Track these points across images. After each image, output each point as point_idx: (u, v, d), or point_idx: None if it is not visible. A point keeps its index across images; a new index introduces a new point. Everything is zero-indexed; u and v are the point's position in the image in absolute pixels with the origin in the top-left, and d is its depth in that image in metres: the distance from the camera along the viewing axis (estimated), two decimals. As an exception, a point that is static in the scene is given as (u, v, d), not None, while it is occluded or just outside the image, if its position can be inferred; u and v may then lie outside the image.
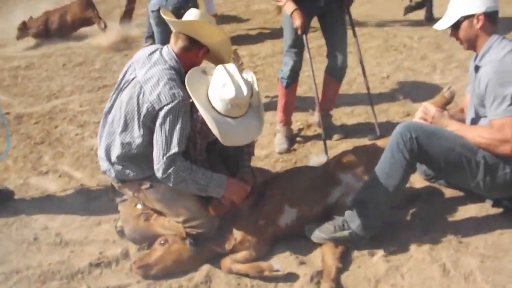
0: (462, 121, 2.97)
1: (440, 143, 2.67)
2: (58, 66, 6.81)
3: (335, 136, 4.27)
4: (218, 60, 2.89)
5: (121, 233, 3.08)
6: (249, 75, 2.81)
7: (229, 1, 9.85)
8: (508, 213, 2.96)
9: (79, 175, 4.04)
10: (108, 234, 3.20)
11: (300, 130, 4.52)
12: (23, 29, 7.76)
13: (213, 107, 2.64)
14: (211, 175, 2.70)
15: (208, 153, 2.95)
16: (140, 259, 2.80)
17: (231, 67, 2.68)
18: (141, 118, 2.69)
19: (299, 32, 3.77)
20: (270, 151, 4.18)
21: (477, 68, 2.78)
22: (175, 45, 2.78)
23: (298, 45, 3.97)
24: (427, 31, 6.93)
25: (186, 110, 2.65)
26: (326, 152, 3.81)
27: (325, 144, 3.88)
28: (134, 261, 2.80)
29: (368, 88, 4.28)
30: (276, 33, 7.53)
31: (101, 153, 2.93)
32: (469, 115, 2.93)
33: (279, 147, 4.21)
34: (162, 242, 2.83)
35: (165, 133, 2.61)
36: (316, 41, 5.84)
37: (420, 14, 7.34)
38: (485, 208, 3.06)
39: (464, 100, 3.17)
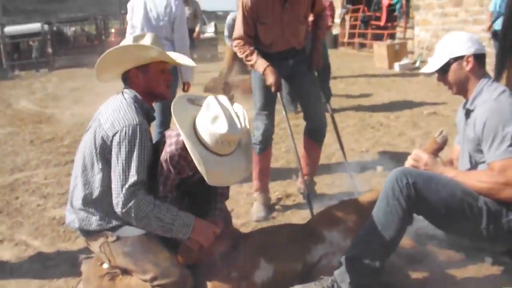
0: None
1: (439, 188, 2.44)
2: (25, 142, 6.56)
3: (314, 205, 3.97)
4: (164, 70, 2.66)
5: (80, 298, 2.70)
6: (240, 109, 2.56)
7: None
8: (509, 270, 2.70)
9: (37, 243, 3.67)
10: (65, 303, 2.82)
11: (279, 199, 4.28)
12: None
13: (200, 142, 2.41)
14: (177, 212, 2.41)
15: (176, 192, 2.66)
16: None
17: (223, 99, 2.46)
18: (98, 149, 2.46)
19: (273, 89, 3.62)
20: (247, 220, 3.90)
21: (468, 113, 2.64)
22: None
23: (269, 107, 3.83)
24: (403, 111, 6.99)
25: (143, 136, 2.41)
26: (312, 214, 3.54)
27: (310, 204, 3.58)
28: None
29: (345, 157, 4.15)
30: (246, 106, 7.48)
31: (67, 206, 2.65)
32: (463, 165, 2.74)
33: (256, 215, 3.92)
34: None
35: (122, 162, 2.37)
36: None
37: (393, 97, 7.45)
38: (484, 267, 2.78)
39: (452, 151, 3.01)
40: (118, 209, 2.36)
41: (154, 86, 2.62)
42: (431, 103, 7.46)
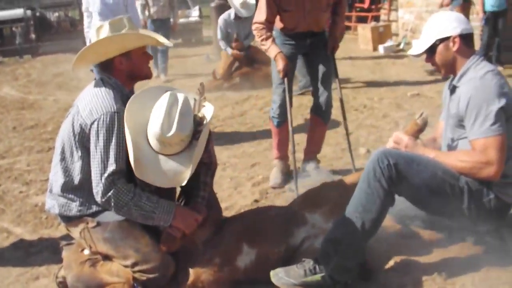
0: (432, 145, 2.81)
1: (420, 169, 2.44)
2: (7, 129, 6.48)
3: (319, 180, 4.06)
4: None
5: (61, 284, 2.68)
6: (208, 111, 2.53)
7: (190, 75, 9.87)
8: (492, 249, 2.72)
9: (20, 230, 3.65)
10: (47, 289, 2.80)
11: (264, 179, 4.29)
12: None
13: (146, 136, 2.41)
14: (157, 200, 2.41)
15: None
16: None
17: (180, 97, 2.41)
18: (77, 137, 2.45)
19: (281, 75, 3.79)
20: (230, 204, 3.89)
21: (454, 89, 2.63)
22: None
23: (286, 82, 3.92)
24: (386, 93, 6.99)
25: (121, 124, 2.39)
26: (296, 189, 3.68)
27: (296, 182, 3.78)
28: None
29: (346, 130, 4.28)
30: (235, 99, 7.48)
31: (48, 190, 2.63)
32: (445, 139, 2.75)
33: (273, 181, 4.14)
34: None
35: (101, 151, 2.36)
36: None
37: (377, 79, 7.45)
38: (466, 247, 2.79)
39: (437, 129, 3.01)
40: (98, 198, 2.35)
41: (138, 69, 2.62)
42: (415, 84, 7.46)
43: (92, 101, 2.45)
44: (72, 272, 2.58)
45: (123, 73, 2.58)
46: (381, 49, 11.81)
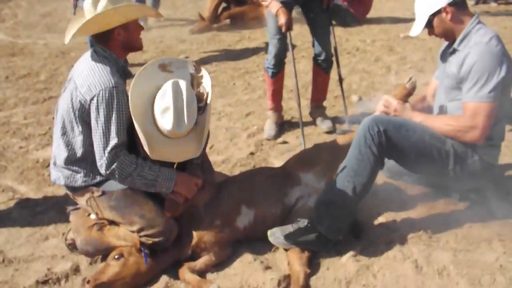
0: (424, 110, 2.91)
1: (409, 134, 2.57)
2: (0, 79, 6.46)
3: (324, 128, 4.30)
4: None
5: (71, 246, 2.84)
6: (207, 85, 2.60)
7: (179, 12, 9.71)
8: (475, 206, 2.89)
9: (24, 189, 3.75)
10: (56, 249, 2.94)
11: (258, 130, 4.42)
12: None
13: (153, 120, 2.48)
14: (158, 169, 2.54)
15: None
16: (94, 278, 2.50)
17: (182, 85, 2.45)
18: (77, 113, 2.53)
19: (284, 29, 3.83)
20: (227, 156, 4.02)
21: (453, 51, 2.72)
22: None
23: (281, 32, 3.96)
24: (379, 35, 6.98)
25: (120, 98, 2.46)
26: (304, 143, 3.84)
27: (302, 134, 3.92)
28: (88, 280, 2.50)
29: (340, 81, 4.39)
30: (228, 41, 7.45)
31: (51, 162, 2.74)
32: (438, 99, 2.86)
33: (267, 133, 4.27)
34: (116, 256, 2.58)
35: (102, 126, 2.45)
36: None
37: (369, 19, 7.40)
38: (452, 203, 2.98)
39: (428, 87, 3.10)
40: (102, 170, 2.46)
41: (133, 41, 2.67)
42: (408, 23, 7.43)
43: (89, 76, 2.51)
44: (81, 236, 2.73)
45: (119, 44, 2.63)
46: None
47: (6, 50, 8.12)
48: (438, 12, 2.65)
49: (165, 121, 2.42)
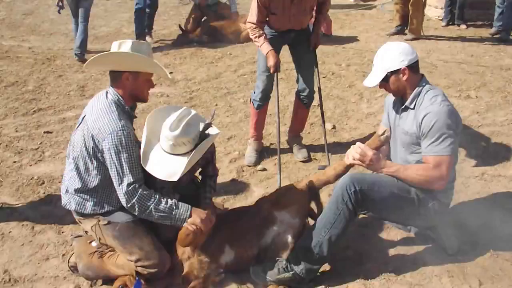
0: (382, 151, 3.26)
1: (381, 190, 2.97)
2: (-12, 86, 6.66)
3: (300, 157, 4.68)
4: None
5: (73, 268, 3.16)
6: (213, 132, 2.98)
7: (161, 19, 9.95)
8: (430, 243, 3.33)
9: (21, 206, 4.01)
10: (58, 270, 3.26)
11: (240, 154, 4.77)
12: None
13: (158, 137, 2.86)
14: (175, 203, 2.83)
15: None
16: None
17: (192, 112, 2.86)
18: (90, 151, 2.84)
19: (272, 70, 4.18)
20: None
21: (406, 108, 3.12)
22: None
23: (269, 70, 4.27)
24: (353, 59, 7.40)
25: (128, 139, 2.78)
26: (279, 173, 4.19)
27: (279, 167, 4.26)
28: None
29: (323, 118, 4.69)
30: (210, 57, 7.77)
31: (63, 189, 3.06)
32: (398, 153, 3.26)
33: (248, 160, 4.65)
34: (120, 287, 2.92)
35: (115, 165, 2.77)
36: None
37: (345, 38, 7.80)
38: (410, 239, 3.41)
39: (378, 129, 3.51)
40: (123, 203, 2.80)
41: (139, 92, 2.98)
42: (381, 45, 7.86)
43: (99, 119, 2.83)
44: (83, 261, 3.06)
45: (126, 89, 2.93)
46: (351, -3, 12.07)
47: (-9, 52, 8.25)
48: (397, 71, 3.03)
49: (166, 124, 2.79)
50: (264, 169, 4.51)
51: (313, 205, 3.32)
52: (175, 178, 2.80)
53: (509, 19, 8.35)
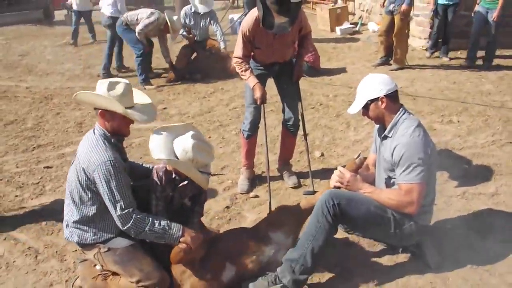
0: (368, 176, 3.53)
1: (358, 206, 3.18)
2: (-12, 125, 6.88)
3: (290, 184, 4.89)
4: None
5: (77, 291, 3.34)
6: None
7: (154, 57, 10.26)
8: (414, 258, 3.53)
9: (24, 237, 4.19)
10: (62, 295, 3.44)
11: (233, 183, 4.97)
12: None
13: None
14: (167, 224, 3.06)
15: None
16: None
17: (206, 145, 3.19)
18: (84, 184, 3.05)
19: (258, 102, 4.41)
20: (205, 209, 4.48)
21: (385, 137, 3.35)
22: None
23: (257, 102, 4.50)
24: (340, 89, 7.69)
25: (116, 169, 2.98)
26: (270, 199, 4.34)
27: (269, 192, 4.40)
28: None
29: (307, 147, 4.89)
30: (203, 92, 8.04)
31: (64, 223, 3.26)
32: (380, 177, 3.48)
33: (241, 188, 4.87)
34: None
35: (107, 193, 2.97)
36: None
37: (332, 70, 8.11)
38: (395, 255, 3.60)
39: (369, 158, 3.75)
40: (120, 227, 3.02)
41: (116, 128, 3.16)
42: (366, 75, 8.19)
43: (88, 153, 3.03)
44: (87, 284, 3.25)
45: (107, 124, 3.14)
46: (338, 30, 12.47)
47: (-11, 93, 8.49)
48: (376, 99, 3.27)
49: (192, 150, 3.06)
50: (257, 196, 4.72)
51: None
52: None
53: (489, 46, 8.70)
